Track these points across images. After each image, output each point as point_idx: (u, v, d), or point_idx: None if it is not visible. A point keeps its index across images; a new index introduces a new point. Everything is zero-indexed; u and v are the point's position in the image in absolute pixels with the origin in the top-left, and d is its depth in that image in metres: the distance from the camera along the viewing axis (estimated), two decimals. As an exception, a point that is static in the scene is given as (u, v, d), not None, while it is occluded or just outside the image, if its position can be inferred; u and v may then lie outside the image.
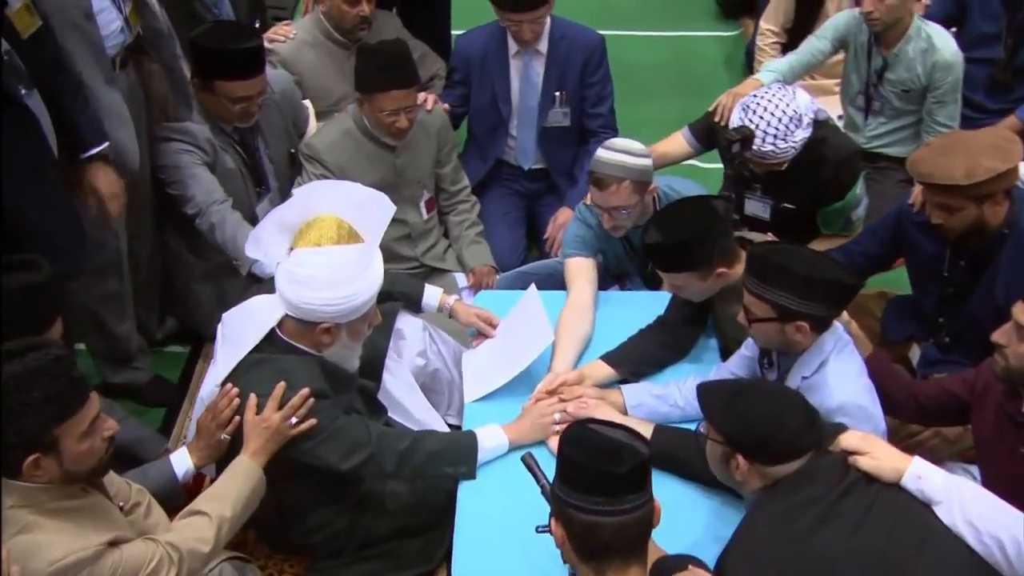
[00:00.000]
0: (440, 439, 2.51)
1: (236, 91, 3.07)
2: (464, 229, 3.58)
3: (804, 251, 2.34)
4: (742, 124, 3.02)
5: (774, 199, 3.37)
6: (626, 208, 2.87)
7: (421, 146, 3.43)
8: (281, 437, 2.32)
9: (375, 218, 2.42)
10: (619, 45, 5.86)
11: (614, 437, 1.86)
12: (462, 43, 3.74)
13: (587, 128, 3.80)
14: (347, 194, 2.43)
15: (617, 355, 2.75)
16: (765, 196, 3.39)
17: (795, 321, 2.25)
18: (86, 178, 2.62)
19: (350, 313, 2.37)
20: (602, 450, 1.80)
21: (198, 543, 2.12)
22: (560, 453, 1.83)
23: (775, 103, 3.02)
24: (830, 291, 2.24)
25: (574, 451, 1.80)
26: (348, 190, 2.46)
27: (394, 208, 2.47)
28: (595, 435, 1.85)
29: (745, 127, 2.96)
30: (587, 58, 3.68)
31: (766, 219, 3.42)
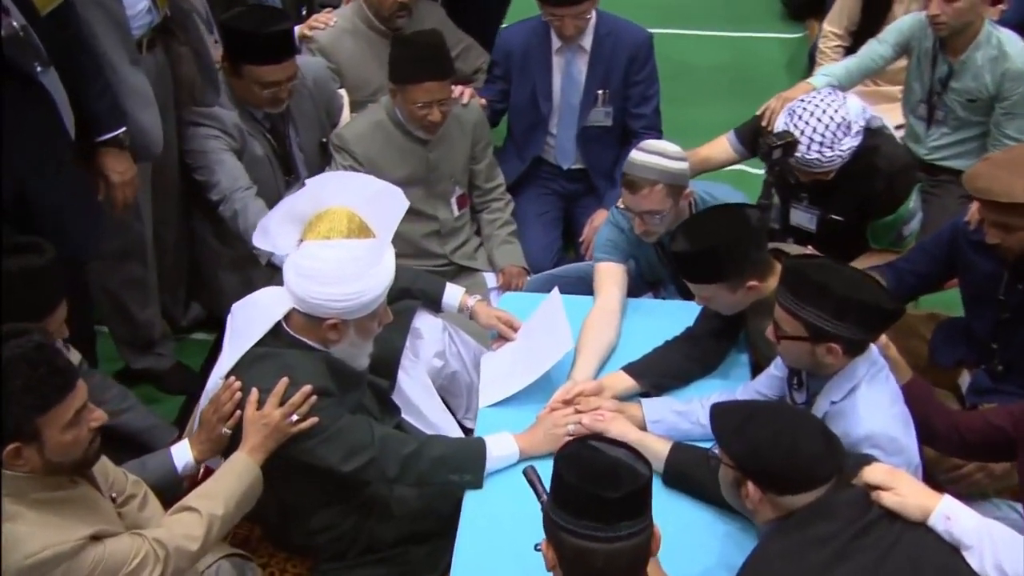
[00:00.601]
0: (447, 445, 2.43)
1: (265, 76, 3.03)
2: (496, 228, 3.49)
3: (844, 269, 2.20)
4: (786, 130, 2.88)
5: (821, 210, 3.22)
6: (658, 213, 2.76)
7: (455, 141, 3.35)
8: (280, 435, 2.26)
9: (389, 212, 2.35)
10: (675, 44, 5.76)
11: (614, 457, 1.76)
12: (504, 37, 3.66)
13: (630, 129, 3.69)
14: (361, 187, 2.37)
15: (640, 366, 2.64)
16: (812, 206, 3.25)
17: (827, 342, 2.12)
18: (98, 162, 2.60)
19: (358, 310, 2.30)
20: (599, 471, 1.70)
21: (186, 540, 2.07)
22: (554, 472, 1.73)
23: (823, 109, 2.88)
24: (868, 314, 2.10)
25: (568, 471, 1.71)
26: (363, 183, 2.40)
27: (407, 203, 2.40)
28: (594, 454, 1.75)
29: (788, 133, 2.83)
30: (633, 56, 3.57)
31: (812, 230, 3.28)
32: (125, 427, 2.71)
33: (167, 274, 3.35)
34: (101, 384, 2.70)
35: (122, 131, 2.60)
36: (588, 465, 1.72)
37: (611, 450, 1.78)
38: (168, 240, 3.29)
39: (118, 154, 2.62)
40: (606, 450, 1.78)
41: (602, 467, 1.72)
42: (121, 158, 2.63)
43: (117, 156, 2.62)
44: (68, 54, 2.42)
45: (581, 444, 1.79)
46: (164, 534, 2.05)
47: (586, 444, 1.79)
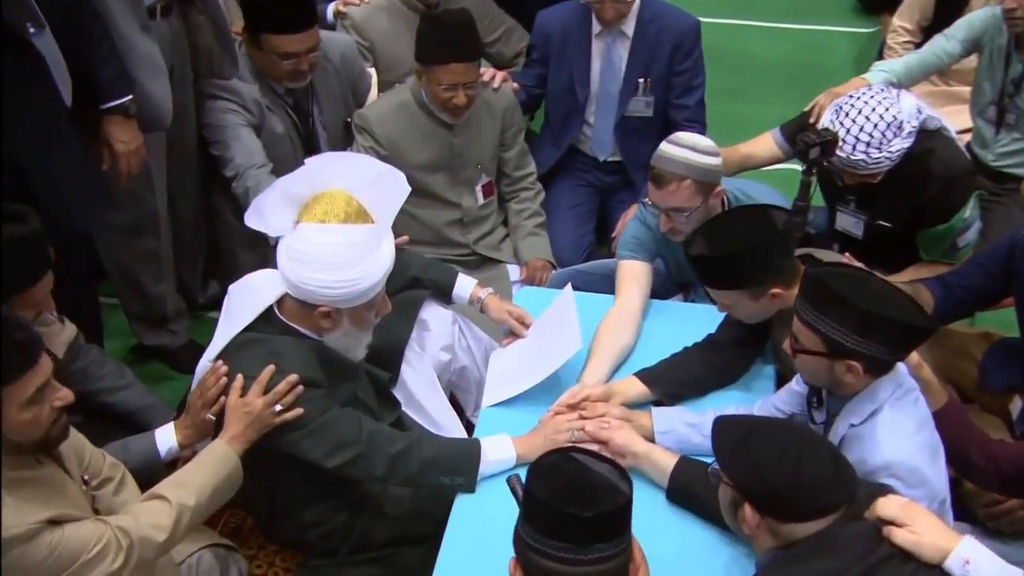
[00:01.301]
0: (440, 445, 2.32)
1: (284, 46, 2.96)
2: (523, 219, 3.37)
3: (871, 280, 2.03)
4: (827, 127, 2.71)
5: (869, 215, 3.04)
6: (686, 211, 2.61)
7: (483, 126, 3.24)
8: (262, 424, 2.18)
9: (389, 197, 2.24)
10: (737, 36, 5.59)
11: (596, 473, 1.63)
12: (543, 19, 3.52)
13: (671, 120, 3.53)
14: (362, 169, 2.26)
15: (654, 373, 2.51)
16: (859, 211, 3.07)
17: (846, 359, 1.96)
18: (102, 130, 2.54)
19: (353, 298, 2.20)
20: (574, 487, 1.58)
21: (153, 530, 1.99)
22: (526, 484, 1.61)
23: (872, 107, 2.70)
24: (894, 331, 1.93)
25: (541, 484, 1.58)
26: (363, 164, 2.30)
27: (408, 188, 2.29)
28: (573, 468, 1.62)
29: (828, 131, 2.65)
30: (677, 43, 3.41)
31: (858, 236, 3.10)
32: (121, 405, 2.65)
33: (185, 250, 3.30)
34: (98, 360, 2.65)
35: (128, 99, 2.54)
36: (564, 479, 1.59)
37: (594, 464, 1.65)
38: (186, 215, 3.24)
39: (123, 122, 2.56)
40: (589, 464, 1.65)
41: (579, 483, 1.59)
42: (127, 127, 2.57)
43: (122, 125, 2.56)
44: (72, 17, 2.37)
45: (562, 455, 1.67)
46: (129, 522, 1.97)
47: (567, 456, 1.67)
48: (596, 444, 2.32)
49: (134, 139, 2.60)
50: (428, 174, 3.18)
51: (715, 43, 5.50)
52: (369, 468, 2.25)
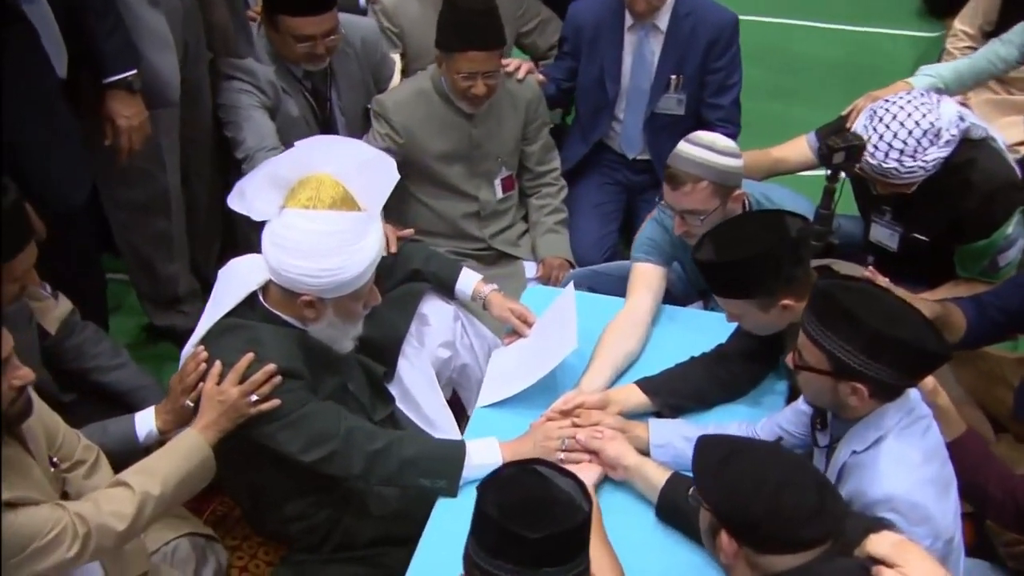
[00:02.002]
0: (422, 445, 2.21)
1: (300, 28, 2.87)
2: (544, 215, 3.24)
3: (885, 298, 1.86)
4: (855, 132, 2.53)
5: (904, 227, 2.85)
6: (701, 214, 2.45)
7: (505, 118, 3.11)
8: (237, 414, 2.09)
9: (378, 184, 2.13)
10: (792, 35, 5.39)
11: (556, 488, 1.50)
12: (575, 10, 3.37)
13: (704, 119, 3.36)
14: (351, 154, 2.17)
15: (656, 382, 2.36)
16: (895, 222, 2.88)
17: (851, 381, 1.80)
18: (105, 105, 2.47)
19: (335, 288, 2.10)
20: (527, 504, 1.45)
21: (113, 518, 1.91)
22: (477, 498, 1.49)
23: (908, 112, 2.51)
24: (905, 355, 1.76)
25: (491, 499, 1.46)
26: (353, 149, 2.20)
27: (397, 176, 2.17)
28: (531, 482, 1.50)
29: (855, 135, 2.47)
30: (713, 40, 3.24)
31: (892, 249, 2.91)
32: (114, 385, 2.59)
33: (200, 231, 3.23)
34: (93, 337, 2.59)
35: (132, 73, 2.47)
36: (519, 494, 1.47)
37: (556, 478, 1.53)
38: (201, 196, 3.17)
39: (126, 97, 2.49)
40: (551, 479, 1.53)
41: (533, 499, 1.47)
42: (130, 102, 2.50)
43: (125, 99, 2.49)
44: (75, -12, 2.30)
45: (523, 468, 1.54)
46: (89, 509, 1.89)
47: (529, 469, 1.54)
48: (587, 453, 2.20)
49: (137, 114, 2.53)
50: (445, 165, 3.07)
51: (766, 42, 5.32)
52: (346, 465, 2.15)
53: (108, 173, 2.81)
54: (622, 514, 2.13)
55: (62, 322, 2.50)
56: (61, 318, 2.50)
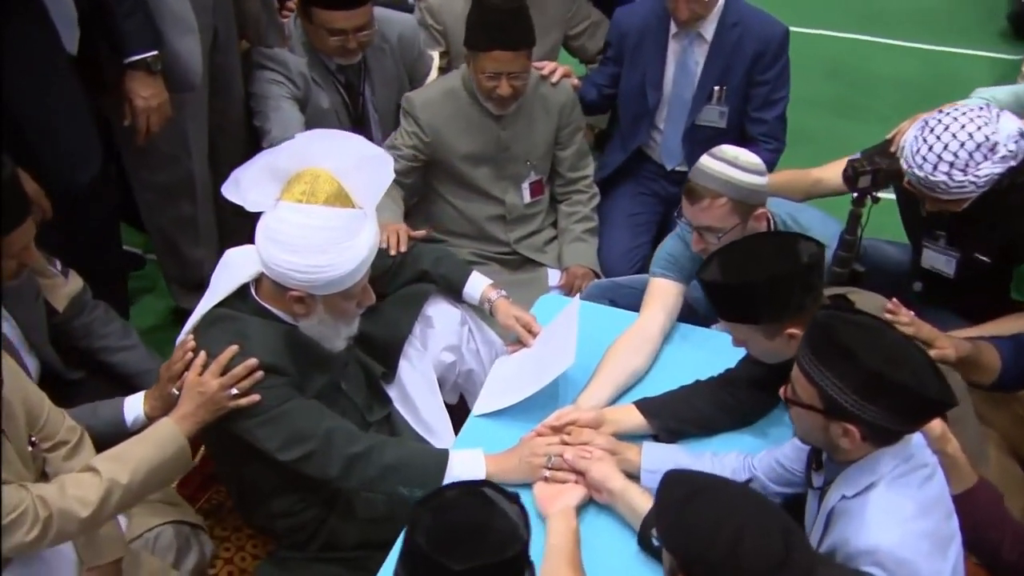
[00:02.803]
0: (404, 452, 2.11)
1: (332, 22, 2.81)
2: (572, 222, 3.12)
3: (890, 335, 1.69)
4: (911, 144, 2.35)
5: (962, 250, 2.63)
6: (718, 231, 2.31)
7: (536, 121, 3.00)
8: (215, 406, 2.03)
9: (374, 182, 2.05)
10: (865, 51, 5.18)
11: (499, 515, 1.39)
12: (621, 15, 3.25)
13: (747, 134, 3.21)
14: (350, 150, 2.08)
15: (656, 404, 2.23)
16: (951, 247, 2.67)
17: (843, 422, 1.65)
18: (124, 85, 2.44)
19: (324, 285, 2.02)
20: (459, 531, 1.35)
21: (76, 504, 1.86)
22: (409, 521, 1.39)
23: (962, 124, 2.32)
24: (903, 400, 1.60)
25: (423, 523, 1.36)
26: (353, 145, 2.11)
27: (392, 175, 2.08)
28: (472, 506, 1.39)
29: (884, 157, 2.28)
30: (760, 52, 3.08)
31: (950, 275, 2.70)
32: (120, 366, 2.56)
33: (230, 216, 3.19)
34: (103, 317, 2.57)
35: (151, 55, 2.43)
36: (454, 519, 1.36)
37: (501, 503, 1.42)
38: (232, 184, 3.12)
39: (145, 78, 2.46)
40: (496, 503, 1.42)
41: (468, 526, 1.36)
42: (148, 83, 2.46)
43: (143, 80, 2.46)
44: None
45: (467, 490, 1.44)
46: (53, 493, 1.85)
47: (473, 491, 1.43)
48: (574, 473, 2.08)
49: (155, 96, 2.49)
50: (472, 166, 2.97)
51: (839, 57, 5.12)
52: (324, 467, 2.07)
53: (134, 154, 2.80)
54: (606, 538, 2.01)
55: (71, 300, 2.48)
56: (70, 296, 2.48)
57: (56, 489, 1.86)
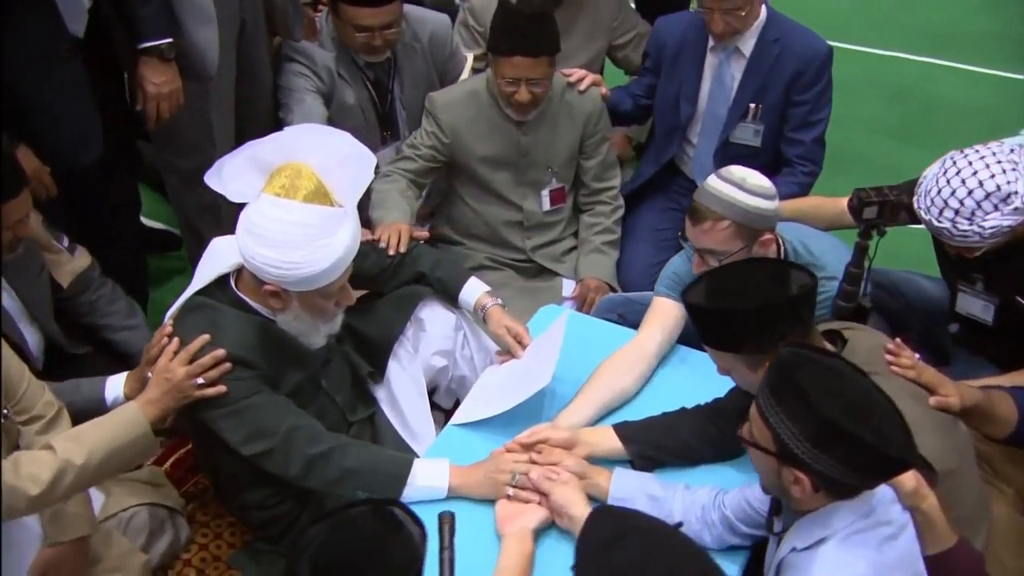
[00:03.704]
0: (366, 456, 2.04)
1: (358, 18, 2.76)
2: (592, 233, 3.00)
3: (859, 382, 1.54)
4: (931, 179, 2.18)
5: (1001, 295, 2.44)
6: (720, 254, 2.18)
7: (560, 128, 2.89)
8: (181, 394, 1.99)
9: (355, 180, 1.98)
10: (937, 76, 4.91)
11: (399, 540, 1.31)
12: (660, 25, 3.11)
13: (782, 155, 3.03)
14: (335, 146, 2.02)
15: (635, 429, 2.11)
16: (989, 292, 2.47)
17: (795, 469, 1.51)
18: (137, 70, 2.42)
19: (298, 282, 1.97)
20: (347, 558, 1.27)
21: (28, 482, 1.82)
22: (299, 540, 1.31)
23: (976, 168, 2.14)
24: (859, 454, 1.46)
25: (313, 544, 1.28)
26: (339, 141, 2.04)
27: (372, 175, 2.01)
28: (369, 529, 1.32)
29: (892, 189, 2.11)
30: (800, 70, 2.90)
31: (987, 322, 2.50)
32: (122, 344, 2.56)
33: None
34: (108, 296, 2.57)
35: (165, 42, 2.41)
36: (344, 540, 1.29)
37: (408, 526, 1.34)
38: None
39: (158, 64, 2.44)
40: (402, 525, 1.34)
41: (357, 553, 1.28)
42: (161, 69, 2.44)
43: (156, 67, 2.44)
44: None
45: (374, 509, 1.35)
46: (7, 469, 1.82)
47: (381, 512, 1.35)
48: (538, 494, 1.98)
49: (167, 83, 2.47)
50: (491, 170, 2.88)
51: (905, 80, 4.87)
52: (284, 464, 2.01)
53: (160, 138, 2.80)
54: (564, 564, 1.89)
55: (76, 276, 2.49)
56: (75, 272, 2.48)
57: (10, 465, 1.84)
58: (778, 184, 2.99)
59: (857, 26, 5.25)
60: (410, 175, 2.81)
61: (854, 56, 5.04)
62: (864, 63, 5.00)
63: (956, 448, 1.90)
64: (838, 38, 5.14)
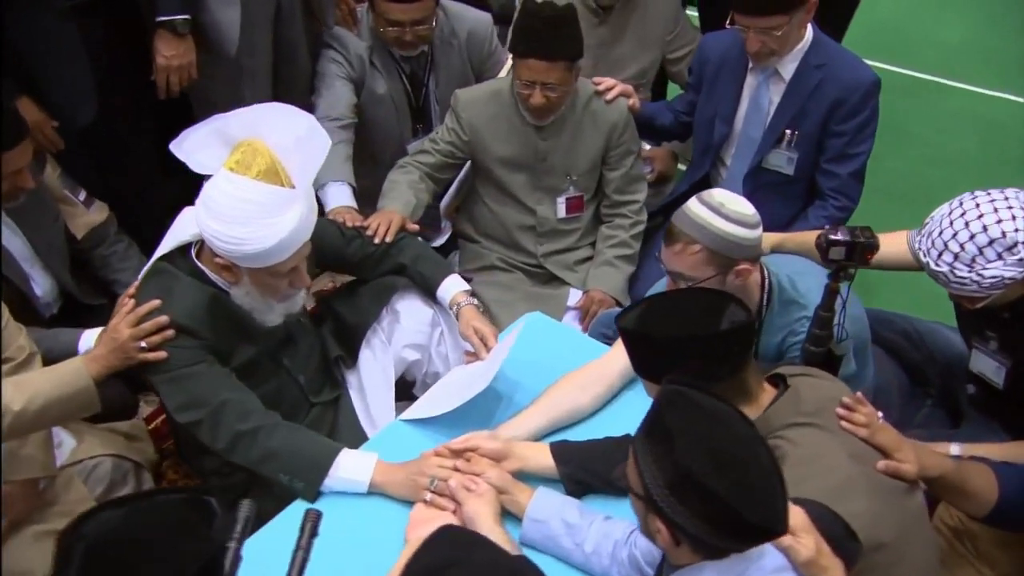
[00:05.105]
0: (293, 440, 1.93)
1: (389, 12, 2.67)
2: (607, 246, 2.81)
3: (740, 431, 1.30)
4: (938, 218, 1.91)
5: (1014, 357, 2.14)
6: (690, 279, 1.97)
7: (582, 136, 2.71)
8: (124, 355, 1.94)
9: (308, 161, 1.88)
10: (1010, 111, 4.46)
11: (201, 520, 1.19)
12: (706, 42, 2.87)
13: (817, 187, 2.75)
14: (295, 125, 1.92)
15: (571, 450, 1.93)
16: (1002, 353, 2.17)
17: (657, 516, 1.31)
18: (153, 42, 2.40)
19: (243, 258, 1.89)
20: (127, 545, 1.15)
21: None
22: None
23: (982, 212, 1.85)
24: (715, 512, 1.25)
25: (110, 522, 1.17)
26: (298, 121, 1.94)
27: (324, 155, 1.91)
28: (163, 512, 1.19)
29: (864, 230, 1.84)
30: (840, 99, 2.61)
31: (998, 385, 2.20)
32: None
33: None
34: (121, 253, 2.58)
35: (180, 18, 2.38)
36: (129, 525, 1.16)
37: (217, 514, 1.21)
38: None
39: (170, 39, 2.41)
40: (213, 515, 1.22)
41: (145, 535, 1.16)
42: (173, 43, 2.42)
43: (169, 41, 2.41)
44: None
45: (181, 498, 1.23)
46: None
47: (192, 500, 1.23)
48: (453, 502, 1.83)
49: (177, 56, 2.44)
50: (508, 171, 2.74)
51: (996, 118, 4.46)
52: (211, 437, 1.94)
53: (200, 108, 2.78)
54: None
55: (91, 230, 2.50)
56: (90, 226, 2.49)
57: None
58: (807, 216, 2.74)
59: (964, 63, 4.82)
60: (426, 168, 2.70)
61: (955, 92, 4.65)
62: (954, 98, 4.61)
63: (898, 520, 1.63)
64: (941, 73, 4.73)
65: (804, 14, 2.54)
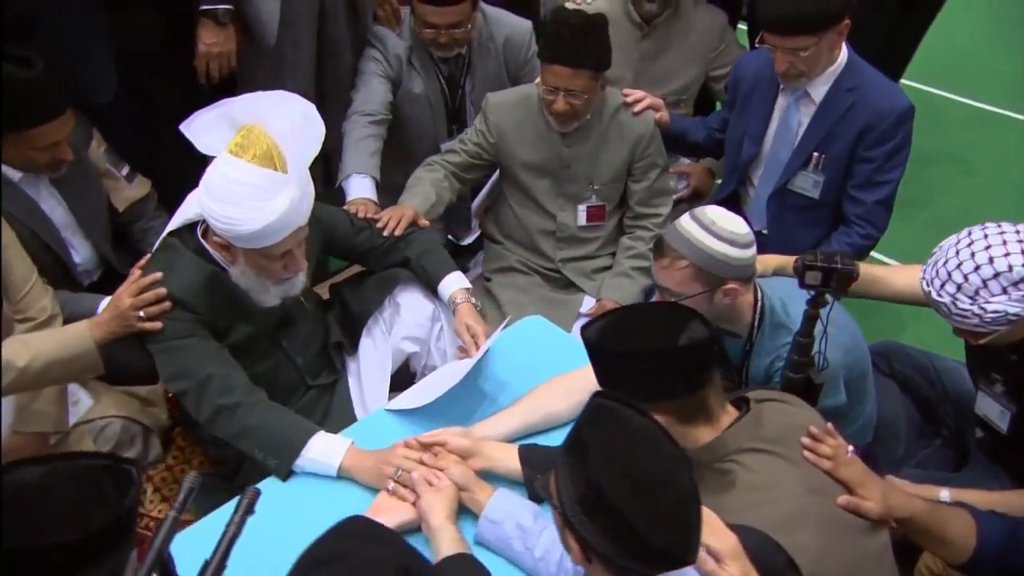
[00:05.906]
0: (270, 418, 1.92)
1: (425, 15, 2.64)
2: (625, 256, 2.72)
3: (663, 451, 1.22)
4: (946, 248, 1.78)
5: (1018, 402, 1.99)
6: (677, 295, 1.88)
7: (608, 145, 2.63)
8: (124, 322, 1.96)
9: (303, 148, 1.87)
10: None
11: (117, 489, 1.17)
12: (742, 61, 2.75)
13: (843, 213, 2.60)
14: (291, 113, 1.91)
15: (538, 454, 1.86)
16: (1008, 397, 2.01)
17: (571, 532, 1.24)
18: (196, 29, 2.43)
19: (237, 239, 1.89)
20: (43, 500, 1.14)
21: None
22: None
23: (990, 244, 1.71)
24: (621, 533, 1.16)
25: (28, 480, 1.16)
26: (294, 109, 1.92)
27: (319, 143, 1.89)
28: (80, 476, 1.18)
29: (843, 256, 1.71)
30: (871, 125, 2.47)
31: (1002, 430, 2.05)
32: None
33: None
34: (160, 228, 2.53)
35: (222, 8, 2.40)
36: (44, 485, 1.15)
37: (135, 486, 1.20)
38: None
39: (212, 27, 2.43)
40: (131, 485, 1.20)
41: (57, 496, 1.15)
42: (214, 32, 2.44)
43: (210, 29, 2.44)
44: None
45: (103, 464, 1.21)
46: None
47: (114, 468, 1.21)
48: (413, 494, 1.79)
49: (217, 44, 2.46)
50: (532, 176, 2.68)
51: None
52: (195, 409, 1.95)
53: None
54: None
55: (132, 204, 2.54)
56: (131, 200, 2.54)
57: None
58: (831, 242, 2.60)
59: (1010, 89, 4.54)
60: (451, 167, 2.67)
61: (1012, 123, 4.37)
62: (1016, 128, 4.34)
63: (851, 558, 1.51)
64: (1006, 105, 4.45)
65: (835, 36, 2.40)
